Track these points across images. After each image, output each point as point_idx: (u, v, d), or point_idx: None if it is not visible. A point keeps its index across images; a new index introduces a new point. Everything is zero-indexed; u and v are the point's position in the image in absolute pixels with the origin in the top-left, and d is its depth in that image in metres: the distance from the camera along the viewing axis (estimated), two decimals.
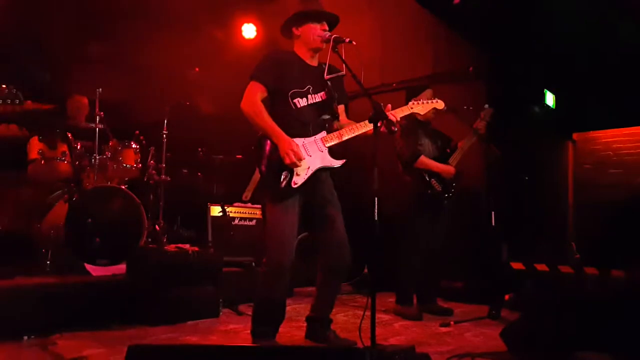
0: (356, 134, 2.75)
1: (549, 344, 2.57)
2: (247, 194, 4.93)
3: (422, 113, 2.93)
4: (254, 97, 2.71)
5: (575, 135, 6.49)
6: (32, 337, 2.91)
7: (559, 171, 6.38)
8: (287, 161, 2.62)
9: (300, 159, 2.64)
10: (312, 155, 2.72)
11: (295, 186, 2.66)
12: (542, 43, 4.91)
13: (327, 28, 2.80)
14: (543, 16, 4.60)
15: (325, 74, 2.80)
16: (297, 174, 2.67)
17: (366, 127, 2.71)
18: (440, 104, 2.97)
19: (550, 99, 5.77)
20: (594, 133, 6.39)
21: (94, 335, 3.04)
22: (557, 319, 2.61)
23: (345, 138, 2.76)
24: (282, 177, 2.65)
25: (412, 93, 4.05)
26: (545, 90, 5.70)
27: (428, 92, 4.03)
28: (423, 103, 2.89)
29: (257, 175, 2.76)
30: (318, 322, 2.89)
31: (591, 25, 4.55)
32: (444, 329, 3.48)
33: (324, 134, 2.78)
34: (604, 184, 6.10)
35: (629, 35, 4.52)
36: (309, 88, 2.79)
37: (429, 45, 5.49)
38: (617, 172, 6.13)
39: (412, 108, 2.85)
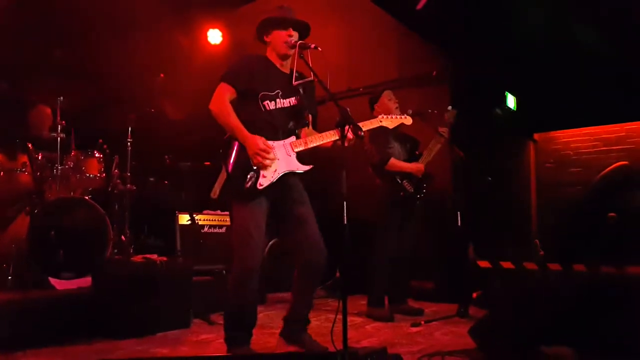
0: (323, 142, 2.79)
1: (516, 339, 2.63)
2: (215, 191, 4.86)
3: (390, 127, 2.99)
4: (222, 98, 2.72)
5: (536, 136, 6.70)
6: None
7: (521, 171, 6.57)
8: (255, 161, 2.62)
9: (268, 158, 2.64)
10: (280, 158, 2.72)
11: (261, 187, 2.65)
12: (503, 46, 5.05)
13: (292, 34, 2.80)
14: (504, 20, 4.73)
15: (293, 81, 2.82)
16: (264, 176, 2.66)
17: (333, 136, 2.75)
18: (408, 120, 3.08)
19: (511, 101, 5.94)
20: (554, 133, 6.62)
21: (59, 351, 2.95)
22: (523, 315, 2.68)
23: (310, 145, 2.79)
24: (248, 177, 2.63)
25: (373, 98, 4.15)
26: (506, 92, 5.87)
27: (387, 93, 4.13)
28: (392, 118, 2.98)
29: (223, 174, 2.73)
30: (294, 323, 2.86)
31: (550, 28, 4.71)
32: (414, 329, 3.53)
33: (293, 138, 2.80)
34: (564, 183, 6.33)
35: (586, 38, 4.70)
36: (278, 92, 2.81)
37: (394, 50, 5.60)
38: (577, 170, 6.37)
39: (380, 122, 2.93)
